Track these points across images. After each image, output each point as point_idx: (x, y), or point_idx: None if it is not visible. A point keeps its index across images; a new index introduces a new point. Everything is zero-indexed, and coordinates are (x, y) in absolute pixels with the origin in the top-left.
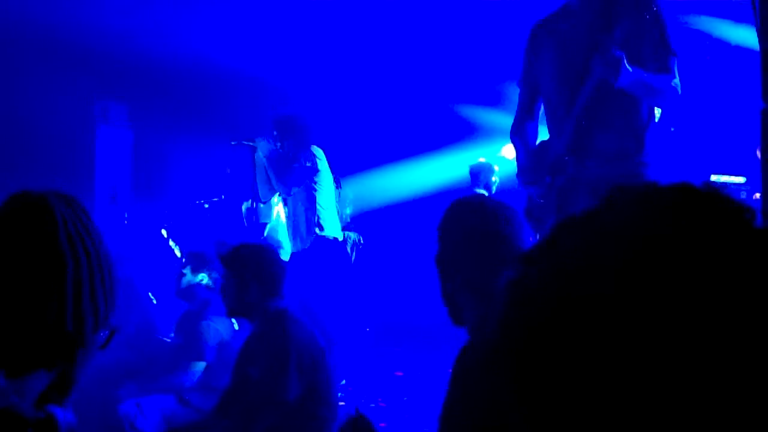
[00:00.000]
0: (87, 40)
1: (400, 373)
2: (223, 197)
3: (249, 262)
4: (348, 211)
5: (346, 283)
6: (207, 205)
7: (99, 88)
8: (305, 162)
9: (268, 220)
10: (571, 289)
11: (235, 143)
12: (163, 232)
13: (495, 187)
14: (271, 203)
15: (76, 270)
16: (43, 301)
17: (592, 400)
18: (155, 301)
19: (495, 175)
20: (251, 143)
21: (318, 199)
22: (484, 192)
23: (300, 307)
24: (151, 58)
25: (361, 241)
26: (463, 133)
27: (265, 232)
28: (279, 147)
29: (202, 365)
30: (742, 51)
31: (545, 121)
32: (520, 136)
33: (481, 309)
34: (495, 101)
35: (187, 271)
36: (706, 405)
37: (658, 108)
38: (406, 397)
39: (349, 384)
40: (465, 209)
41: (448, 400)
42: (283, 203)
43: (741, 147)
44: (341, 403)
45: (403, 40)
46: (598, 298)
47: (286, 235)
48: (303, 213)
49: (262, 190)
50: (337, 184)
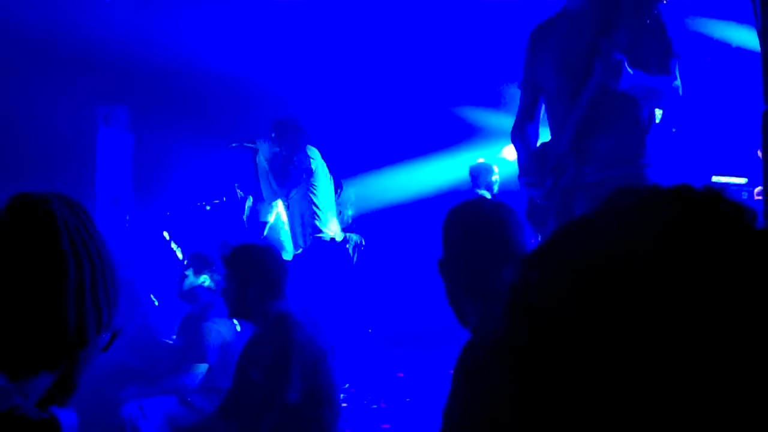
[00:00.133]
0: (89, 44)
1: (402, 374)
2: (224, 199)
3: (251, 264)
4: (350, 212)
5: (348, 284)
6: (208, 207)
7: (101, 92)
8: (299, 163)
9: (267, 219)
10: (571, 292)
11: (235, 145)
12: (165, 235)
13: (497, 187)
14: (272, 203)
15: (78, 272)
16: (45, 303)
17: (592, 401)
18: (157, 303)
19: (495, 175)
20: (252, 145)
21: (315, 200)
22: (486, 193)
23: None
24: (153, 62)
25: (363, 243)
26: (463, 134)
27: (265, 231)
28: (278, 150)
29: (204, 367)
30: (743, 52)
31: (546, 123)
32: (521, 138)
33: (483, 310)
34: (495, 103)
35: (189, 272)
36: (708, 408)
37: (659, 110)
38: (408, 399)
39: (351, 385)
40: (465, 212)
41: (450, 401)
42: (285, 204)
43: (742, 148)
44: (344, 404)
45: (404, 42)
46: (599, 302)
47: (287, 234)
48: (299, 215)
49: (266, 191)
50: (338, 185)
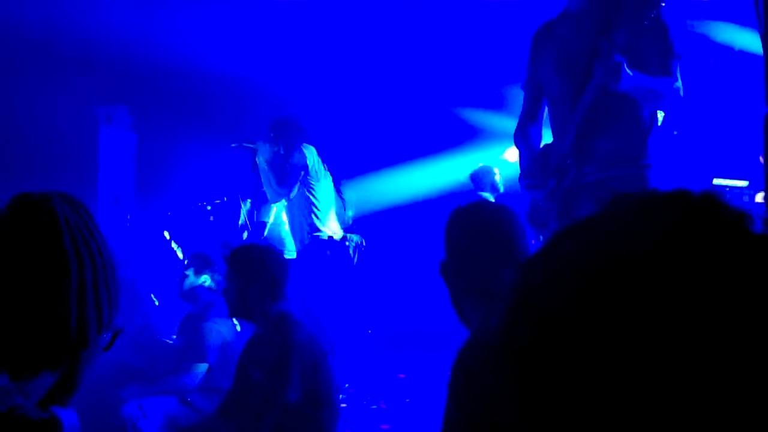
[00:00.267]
0: (89, 44)
1: (403, 375)
2: (225, 199)
3: (252, 264)
4: (350, 213)
5: (348, 284)
6: (209, 207)
7: (102, 92)
8: (295, 161)
9: (267, 219)
10: (573, 292)
11: (235, 145)
12: (166, 234)
13: (502, 186)
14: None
15: (80, 272)
16: (47, 303)
17: (593, 401)
18: (157, 303)
19: (497, 175)
20: (252, 145)
21: (313, 199)
22: (490, 195)
23: (303, 308)
24: (154, 63)
25: (364, 244)
26: (465, 136)
27: (265, 231)
28: (278, 150)
29: (204, 367)
30: (745, 55)
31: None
32: (524, 139)
33: (485, 311)
34: (497, 104)
35: (189, 272)
36: (707, 408)
37: (660, 111)
38: (408, 399)
39: (351, 386)
40: (467, 213)
41: (450, 401)
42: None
43: (744, 151)
44: (343, 405)
45: (406, 43)
46: (599, 302)
47: (289, 234)
48: (299, 213)
49: (268, 192)
50: (338, 185)
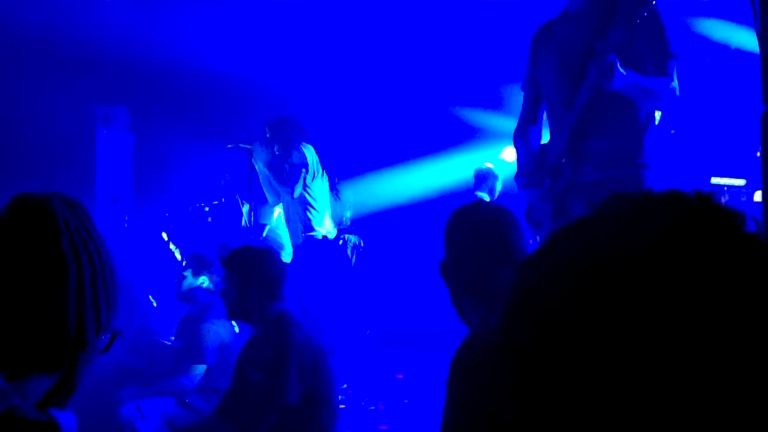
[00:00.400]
0: (89, 44)
1: (401, 376)
2: (223, 200)
3: (250, 265)
4: (348, 214)
5: (346, 285)
6: (207, 208)
7: (100, 92)
8: (295, 159)
9: (267, 221)
10: (570, 292)
11: (231, 146)
12: (164, 235)
13: (497, 193)
14: (275, 205)
15: (79, 273)
16: (45, 304)
17: (591, 401)
18: (156, 304)
19: (499, 182)
20: (248, 146)
21: (309, 198)
22: (486, 196)
23: (301, 308)
24: (152, 63)
25: (362, 244)
26: (463, 136)
27: (264, 233)
28: (275, 150)
29: (202, 368)
30: (742, 54)
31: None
32: (524, 139)
33: (485, 310)
34: (496, 104)
35: (187, 273)
36: (705, 407)
37: (657, 111)
38: (406, 400)
39: (349, 386)
40: (467, 213)
41: (449, 401)
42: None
43: (741, 150)
44: (342, 406)
45: (404, 43)
46: (597, 302)
47: (287, 234)
48: (294, 213)
49: (269, 194)
50: (334, 185)
